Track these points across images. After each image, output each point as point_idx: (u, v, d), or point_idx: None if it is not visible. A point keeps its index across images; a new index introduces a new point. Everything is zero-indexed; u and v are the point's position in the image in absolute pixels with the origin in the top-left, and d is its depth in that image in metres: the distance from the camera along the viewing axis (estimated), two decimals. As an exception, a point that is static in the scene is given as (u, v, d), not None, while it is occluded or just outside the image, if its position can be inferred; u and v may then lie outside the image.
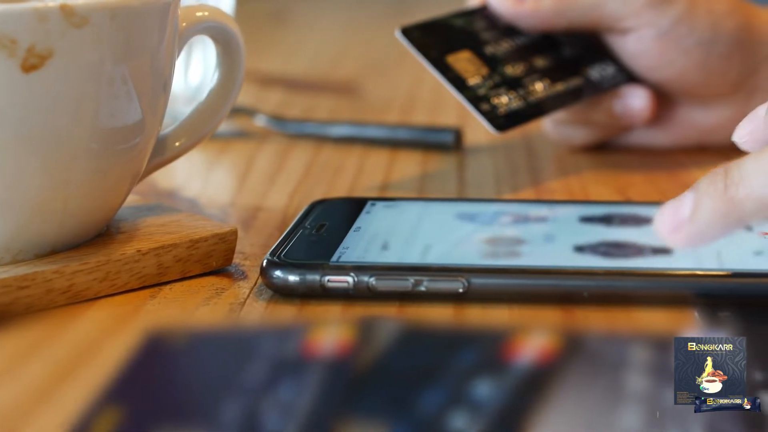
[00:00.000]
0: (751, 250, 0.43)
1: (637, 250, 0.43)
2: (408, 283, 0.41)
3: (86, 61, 0.40)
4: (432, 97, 0.80)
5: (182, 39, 0.46)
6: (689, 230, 0.38)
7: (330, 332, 0.36)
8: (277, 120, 0.69)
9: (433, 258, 0.42)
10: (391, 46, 0.58)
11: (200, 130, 0.48)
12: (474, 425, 0.31)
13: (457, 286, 0.40)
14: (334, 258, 0.42)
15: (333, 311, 0.40)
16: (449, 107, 0.75)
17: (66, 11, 0.39)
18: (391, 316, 0.40)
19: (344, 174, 0.60)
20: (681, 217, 0.38)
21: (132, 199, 0.49)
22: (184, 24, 0.46)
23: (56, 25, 0.39)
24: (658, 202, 0.49)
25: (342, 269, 0.41)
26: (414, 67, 0.59)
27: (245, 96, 0.84)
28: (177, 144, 0.48)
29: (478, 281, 0.40)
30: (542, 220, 0.47)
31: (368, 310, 0.40)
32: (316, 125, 0.68)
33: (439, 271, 0.41)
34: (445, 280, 0.41)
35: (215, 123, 0.48)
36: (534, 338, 0.35)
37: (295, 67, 0.97)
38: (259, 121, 0.69)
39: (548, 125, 0.65)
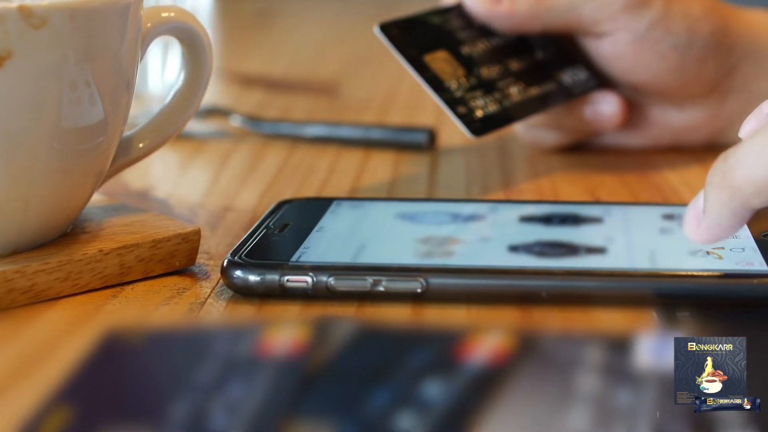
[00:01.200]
0: (685, 250, 0.43)
1: (571, 249, 0.43)
2: (366, 283, 0.41)
3: (46, 62, 0.40)
4: (409, 98, 0.80)
5: (147, 39, 0.46)
6: (705, 224, 0.39)
7: (284, 332, 0.36)
8: (253, 120, 0.69)
9: (371, 257, 0.42)
10: (373, 46, 0.58)
11: (165, 130, 0.48)
12: (420, 425, 0.31)
13: (416, 286, 0.41)
14: (294, 258, 0.42)
15: (291, 311, 0.41)
16: (426, 107, 0.75)
17: (24, 12, 0.39)
18: (346, 316, 0.40)
19: (316, 174, 0.60)
20: (698, 213, 0.39)
21: (99, 200, 0.49)
22: (149, 24, 0.46)
23: (15, 26, 0.39)
24: (597, 202, 0.50)
25: (301, 269, 0.41)
26: (393, 67, 0.59)
27: (224, 96, 0.84)
28: (141, 145, 0.48)
29: (436, 281, 0.41)
30: (481, 219, 0.47)
31: (327, 310, 0.40)
32: (290, 125, 0.68)
33: (397, 271, 0.41)
34: (403, 280, 0.41)
35: (180, 124, 0.48)
36: (488, 339, 0.36)
37: (276, 67, 0.97)
38: (235, 122, 0.69)
39: (520, 128, 0.65)
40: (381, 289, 0.41)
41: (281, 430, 0.31)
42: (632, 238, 0.44)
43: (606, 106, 0.61)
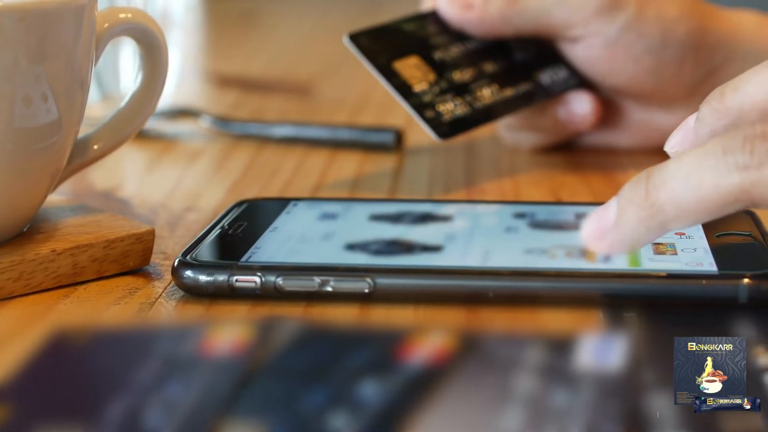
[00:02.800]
0: (521, 249, 0.43)
1: (407, 247, 0.44)
2: (314, 283, 0.41)
3: (-2, 63, 0.40)
4: (383, 99, 0.80)
5: (104, 40, 0.47)
6: (613, 237, 0.38)
7: (226, 332, 0.36)
8: (222, 121, 0.69)
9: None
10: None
11: (122, 131, 0.48)
12: (351, 425, 0.31)
13: (363, 286, 0.41)
14: (245, 258, 0.42)
15: (239, 311, 0.41)
16: (399, 109, 0.75)
17: (-27, 13, 0.39)
18: (291, 316, 0.40)
19: (281, 174, 0.60)
20: (606, 224, 0.38)
21: (57, 200, 0.49)
22: (105, 25, 0.46)
23: (-37, 27, 0.39)
24: (453, 201, 0.50)
25: (249, 269, 0.41)
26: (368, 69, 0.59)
27: (200, 96, 0.84)
28: (97, 146, 0.48)
29: (383, 281, 0.41)
30: (333, 217, 0.47)
31: (274, 310, 0.41)
32: (259, 126, 0.68)
33: (345, 271, 0.41)
34: (351, 280, 0.41)
35: (137, 124, 0.48)
36: (429, 339, 0.36)
37: (254, 68, 0.97)
38: (204, 122, 0.69)
39: (502, 130, 0.65)
40: (329, 289, 0.41)
41: (214, 430, 0.31)
42: (473, 237, 0.45)
43: (579, 106, 0.61)
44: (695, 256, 0.43)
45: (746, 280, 0.40)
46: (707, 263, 0.42)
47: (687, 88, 0.61)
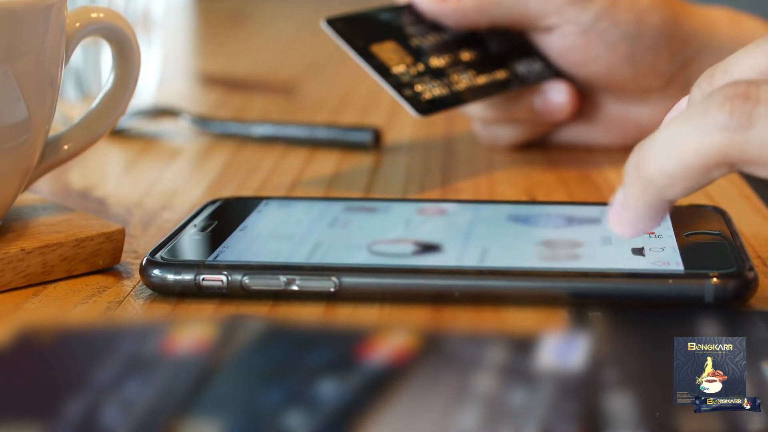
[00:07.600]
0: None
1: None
2: (280, 282, 0.41)
3: (-35, 62, 0.41)
4: (365, 98, 0.80)
5: (75, 39, 0.47)
6: (625, 217, 0.38)
7: (189, 331, 0.36)
8: (202, 120, 0.69)
9: (314, 258, 0.42)
10: (336, 47, 0.59)
11: (93, 131, 0.48)
12: (307, 424, 0.31)
13: (329, 285, 0.41)
14: (212, 257, 0.42)
15: (205, 310, 0.41)
16: (380, 108, 0.76)
17: (-60, 12, 0.39)
18: (256, 315, 0.40)
19: (258, 173, 0.60)
20: (618, 206, 0.39)
21: (30, 199, 0.49)
22: (77, 24, 0.47)
23: (-70, 26, 0.39)
24: (434, 200, 0.50)
25: (216, 268, 0.41)
26: (353, 68, 0.59)
27: (183, 95, 0.84)
28: (67, 146, 0.48)
29: (349, 280, 0.41)
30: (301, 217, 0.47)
31: (240, 309, 0.41)
32: (238, 125, 0.68)
33: (311, 271, 0.41)
34: (316, 279, 0.41)
35: (108, 125, 0.48)
36: (391, 338, 0.36)
37: (240, 67, 0.97)
38: (184, 121, 0.69)
39: (477, 127, 0.65)
40: (295, 288, 0.41)
41: (170, 429, 0.31)
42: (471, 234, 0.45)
43: (556, 95, 0.62)
44: (662, 255, 0.43)
45: (713, 280, 0.40)
46: (674, 262, 0.42)
47: (662, 79, 0.61)
